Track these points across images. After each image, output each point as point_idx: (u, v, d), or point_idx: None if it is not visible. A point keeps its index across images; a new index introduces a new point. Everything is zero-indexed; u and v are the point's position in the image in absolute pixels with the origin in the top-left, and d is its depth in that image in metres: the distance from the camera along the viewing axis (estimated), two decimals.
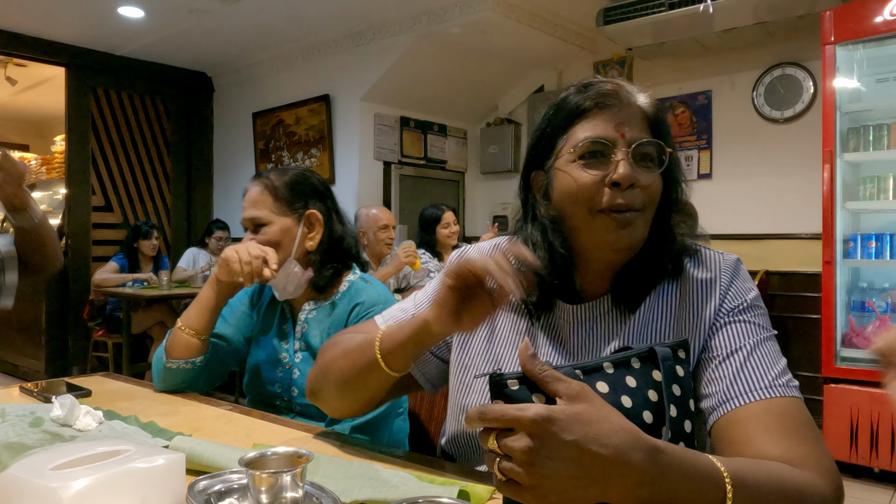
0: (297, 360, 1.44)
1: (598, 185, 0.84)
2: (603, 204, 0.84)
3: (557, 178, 0.87)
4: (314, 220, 1.44)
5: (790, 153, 4.01)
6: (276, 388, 1.45)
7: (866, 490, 2.92)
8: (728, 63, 4.24)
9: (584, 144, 0.85)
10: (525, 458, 0.57)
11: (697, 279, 0.89)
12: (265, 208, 1.41)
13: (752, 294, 0.89)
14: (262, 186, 1.43)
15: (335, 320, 1.42)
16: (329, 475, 0.85)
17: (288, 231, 1.42)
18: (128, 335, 4.08)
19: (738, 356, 0.84)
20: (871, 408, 2.96)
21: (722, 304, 0.87)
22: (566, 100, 0.89)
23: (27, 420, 1.00)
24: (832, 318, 3.11)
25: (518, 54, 4.74)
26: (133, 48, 5.13)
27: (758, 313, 0.88)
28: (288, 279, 1.40)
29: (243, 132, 5.61)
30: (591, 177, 0.84)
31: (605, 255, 0.87)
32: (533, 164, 0.93)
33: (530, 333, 0.94)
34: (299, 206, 1.43)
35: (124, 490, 0.70)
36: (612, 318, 0.90)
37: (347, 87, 4.81)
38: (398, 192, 5.02)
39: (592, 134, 0.85)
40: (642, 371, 0.74)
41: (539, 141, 0.91)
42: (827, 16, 3.14)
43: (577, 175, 0.85)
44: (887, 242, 3.14)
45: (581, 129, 0.86)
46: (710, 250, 0.93)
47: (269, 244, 1.39)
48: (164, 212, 5.79)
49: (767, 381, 0.81)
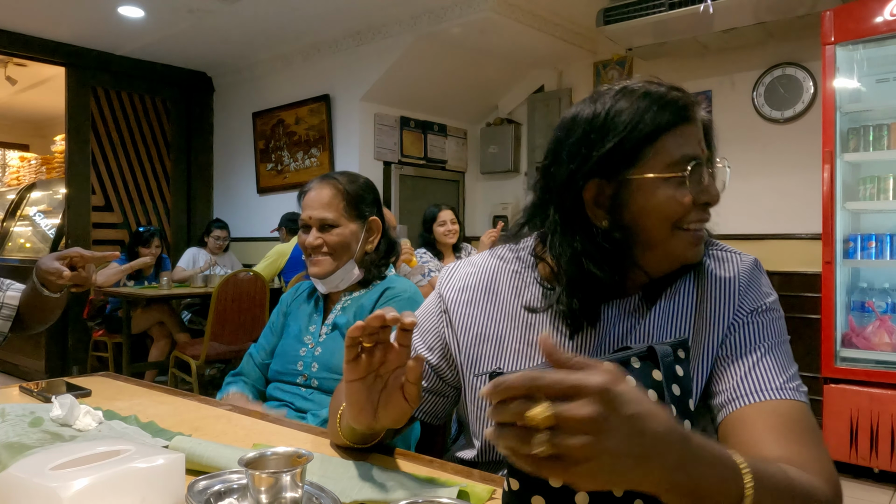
0: (321, 338, 1.54)
1: (691, 205, 0.82)
2: (689, 222, 0.83)
3: (643, 191, 0.82)
4: (375, 226, 1.60)
5: (790, 153, 4.01)
6: (297, 366, 1.54)
7: (866, 490, 2.92)
8: (728, 63, 4.24)
9: (683, 161, 0.81)
10: (589, 428, 0.51)
11: (717, 276, 0.88)
12: (336, 211, 1.54)
13: (771, 298, 0.89)
14: (335, 190, 1.55)
15: (366, 301, 1.54)
16: (329, 475, 0.85)
17: (355, 234, 1.56)
18: (128, 335, 4.08)
19: (752, 357, 0.83)
20: (871, 408, 2.96)
21: (742, 305, 0.87)
22: (663, 97, 0.82)
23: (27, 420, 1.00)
24: (832, 319, 3.11)
25: (518, 54, 4.74)
26: (133, 48, 5.13)
27: (775, 317, 0.88)
28: (345, 277, 1.55)
29: (243, 132, 5.61)
30: (688, 196, 0.82)
31: (672, 267, 0.86)
32: (594, 171, 0.83)
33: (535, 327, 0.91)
34: (363, 213, 1.58)
35: (124, 490, 0.70)
36: (637, 314, 0.89)
37: (347, 87, 4.81)
38: (398, 192, 5.02)
39: (690, 152, 0.82)
40: (642, 371, 0.73)
41: (616, 147, 0.81)
42: (827, 16, 3.14)
43: (674, 194, 0.82)
44: (887, 242, 3.14)
45: (672, 141, 0.82)
46: (729, 249, 0.92)
47: (338, 245, 1.53)
48: (164, 212, 5.79)
49: (778, 383, 0.81)
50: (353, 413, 0.83)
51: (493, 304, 0.95)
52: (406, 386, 0.79)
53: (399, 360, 0.80)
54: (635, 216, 0.83)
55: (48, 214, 5.70)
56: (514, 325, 0.93)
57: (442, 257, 3.83)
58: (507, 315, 0.94)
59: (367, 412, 0.81)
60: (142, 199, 5.65)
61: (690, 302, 0.88)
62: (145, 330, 4.46)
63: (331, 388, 1.46)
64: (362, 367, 0.79)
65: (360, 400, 0.81)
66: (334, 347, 1.51)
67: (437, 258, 3.79)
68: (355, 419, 0.84)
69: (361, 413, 0.82)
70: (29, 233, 5.79)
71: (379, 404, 0.81)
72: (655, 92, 0.83)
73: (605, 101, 0.84)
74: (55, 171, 6.10)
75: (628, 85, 0.85)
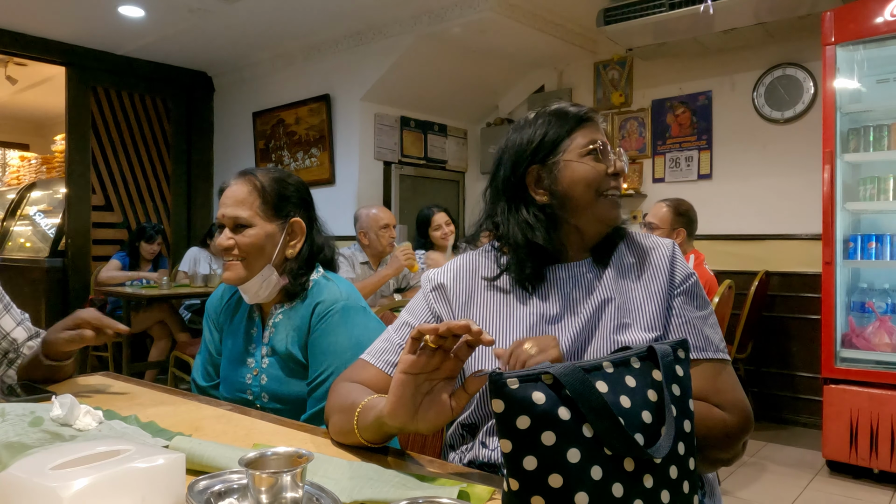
0: (264, 365, 1.43)
1: (605, 174, 1.08)
2: (606, 189, 1.07)
3: (569, 169, 1.07)
4: (297, 228, 1.44)
5: (790, 154, 4.01)
6: (246, 395, 1.43)
7: (866, 490, 2.92)
8: (728, 63, 4.24)
9: (592, 143, 1.08)
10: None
11: (645, 246, 1.11)
12: (251, 210, 1.39)
13: (694, 276, 1.09)
14: (251, 186, 1.40)
15: (299, 322, 1.41)
16: (329, 475, 0.85)
17: (271, 237, 1.40)
18: (128, 335, 4.08)
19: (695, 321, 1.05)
20: (871, 408, 2.96)
21: (672, 277, 1.07)
22: (565, 111, 1.10)
23: (27, 419, 1.00)
24: (832, 319, 3.11)
25: (518, 54, 4.74)
26: (133, 47, 5.13)
27: (700, 292, 1.08)
28: (263, 285, 1.40)
29: (243, 132, 5.61)
30: (602, 167, 1.08)
31: (601, 229, 1.09)
32: (529, 160, 1.09)
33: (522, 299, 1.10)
34: (284, 213, 1.42)
35: (124, 490, 0.70)
36: (592, 276, 1.09)
37: (348, 87, 4.81)
38: (398, 192, 5.02)
39: (595, 137, 1.09)
40: (642, 370, 0.74)
41: (541, 141, 1.09)
42: (827, 16, 3.14)
43: (592, 166, 1.07)
44: (887, 243, 3.14)
45: (583, 134, 1.08)
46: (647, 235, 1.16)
47: (250, 247, 1.38)
48: (164, 211, 5.79)
49: (714, 346, 1.04)
50: (393, 407, 0.85)
51: (473, 282, 1.14)
52: (458, 393, 0.85)
53: (451, 371, 0.86)
54: (567, 188, 1.07)
55: (48, 214, 5.70)
56: (491, 304, 1.11)
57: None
58: (483, 293, 1.12)
59: (408, 409, 0.84)
60: (142, 198, 5.65)
61: (630, 262, 1.09)
62: (145, 329, 4.46)
63: (287, 416, 1.32)
64: (420, 364, 0.83)
65: (405, 395, 0.84)
66: (279, 376, 1.40)
67: None
68: (392, 414, 0.85)
69: (402, 409, 0.84)
70: (29, 232, 5.80)
71: (421, 407, 0.85)
72: (563, 107, 1.11)
73: (528, 117, 1.13)
74: (55, 171, 6.10)
75: (545, 107, 1.13)
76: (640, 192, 4.60)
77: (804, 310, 3.89)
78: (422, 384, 0.85)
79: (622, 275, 1.08)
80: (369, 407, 0.94)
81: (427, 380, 0.85)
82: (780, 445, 3.59)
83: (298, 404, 1.37)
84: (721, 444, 0.97)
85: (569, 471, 0.64)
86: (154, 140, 5.73)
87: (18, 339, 1.50)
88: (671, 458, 0.71)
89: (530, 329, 1.05)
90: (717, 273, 3.23)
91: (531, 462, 0.64)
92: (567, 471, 0.64)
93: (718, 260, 4.00)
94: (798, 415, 3.97)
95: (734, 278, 3.50)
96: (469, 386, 0.84)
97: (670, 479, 0.70)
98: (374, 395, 0.98)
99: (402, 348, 1.08)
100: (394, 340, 1.12)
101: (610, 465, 0.66)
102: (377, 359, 1.10)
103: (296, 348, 1.40)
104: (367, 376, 1.09)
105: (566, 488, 0.63)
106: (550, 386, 0.66)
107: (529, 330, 1.05)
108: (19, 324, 1.52)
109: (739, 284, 3.65)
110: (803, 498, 2.86)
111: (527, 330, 1.05)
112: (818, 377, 3.16)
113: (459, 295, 1.12)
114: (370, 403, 0.94)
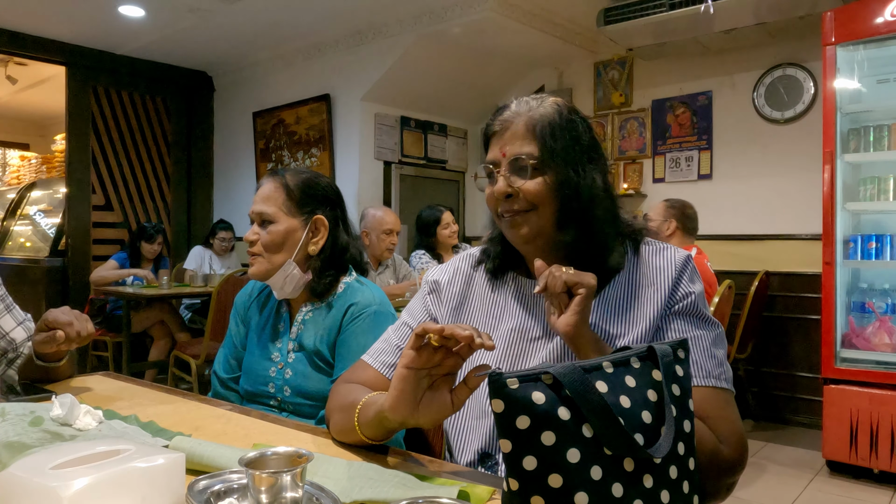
0: (290, 359, 1.45)
1: (493, 197, 1.03)
2: (501, 209, 1.03)
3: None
4: (320, 225, 1.46)
5: (790, 154, 4.01)
6: (268, 388, 1.46)
7: (866, 491, 2.92)
8: (728, 63, 4.24)
9: (484, 167, 1.05)
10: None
11: (656, 258, 1.03)
12: (275, 205, 1.43)
13: (693, 294, 1.01)
14: (277, 184, 1.44)
15: (331, 322, 1.43)
16: (329, 475, 0.85)
17: (293, 233, 1.43)
18: (128, 334, 4.08)
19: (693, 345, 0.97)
20: (871, 408, 2.96)
21: (673, 293, 0.99)
22: (487, 124, 1.07)
23: (27, 419, 1.00)
24: (832, 319, 3.11)
25: (518, 54, 4.74)
26: (133, 47, 5.13)
27: (700, 312, 1.01)
28: (286, 280, 1.43)
29: (244, 131, 5.61)
30: (490, 191, 1.04)
31: (518, 248, 1.05)
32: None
33: (498, 302, 1.09)
34: (308, 210, 1.45)
35: (124, 490, 0.70)
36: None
37: (348, 87, 4.81)
38: (398, 191, 5.02)
39: (489, 157, 1.04)
40: (642, 370, 0.74)
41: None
42: (828, 16, 3.14)
43: (487, 186, 1.05)
44: (887, 243, 3.14)
45: (489, 151, 1.05)
46: (666, 245, 1.07)
47: (271, 243, 1.42)
48: (164, 211, 5.79)
49: (707, 370, 0.97)
50: (394, 402, 0.86)
51: (469, 279, 1.14)
52: (459, 388, 0.86)
53: (452, 367, 0.87)
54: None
55: (48, 213, 5.70)
56: (485, 301, 1.12)
57: (441, 259, 3.81)
58: (478, 291, 1.13)
59: (409, 404, 0.86)
60: (142, 198, 5.65)
61: (622, 289, 1.03)
62: (145, 329, 4.46)
63: (306, 413, 1.39)
64: (421, 360, 0.85)
65: (407, 390, 0.85)
66: (304, 371, 1.42)
67: (436, 260, 3.78)
68: (394, 408, 0.86)
69: (403, 403, 0.85)
70: (29, 232, 5.80)
71: (422, 401, 0.86)
72: (490, 119, 1.06)
73: None
74: (55, 171, 6.10)
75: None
76: (640, 192, 4.60)
77: (804, 310, 3.89)
78: (423, 379, 0.86)
79: (619, 285, 1.03)
80: (370, 403, 0.95)
81: (428, 375, 0.86)
82: (780, 445, 3.59)
83: (319, 400, 1.40)
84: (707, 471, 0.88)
85: (568, 471, 0.64)
86: (154, 140, 5.73)
87: (17, 339, 1.50)
88: (671, 458, 0.71)
89: (522, 328, 1.05)
90: (717, 273, 3.24)
91: (531, 462, 0.64)
92: (567, 471, 0.64)
93: (718, 260, 3.99)
94: (798, 415, 3.97)
95: (734, 278, 3.50)
96: (470, 381, 0.85)
97: (670, 479, 0.70)
98: (373, 393, 0.99)
99: (400, 350, 1.10)
100: (392, 342, 1.13)
101: (610, 465, 0.66)
102: (375, 360, 1.12)
103: (324, 346, 1.42)
104: (366, 377, 1.10)
105: (566, 488, 0.63)
106: (550, 386, 0.66)
107: (522, 329, 1.05)
108: (20, 324, 1.51)
109: (739, 284, 3.65)
110: (803, 498, 2.86)
111: (519, 329, 1.05)
112: (818, 377, 3.17)
113: (454, 292, 1.13)
114: (370, 400, 0.96)
